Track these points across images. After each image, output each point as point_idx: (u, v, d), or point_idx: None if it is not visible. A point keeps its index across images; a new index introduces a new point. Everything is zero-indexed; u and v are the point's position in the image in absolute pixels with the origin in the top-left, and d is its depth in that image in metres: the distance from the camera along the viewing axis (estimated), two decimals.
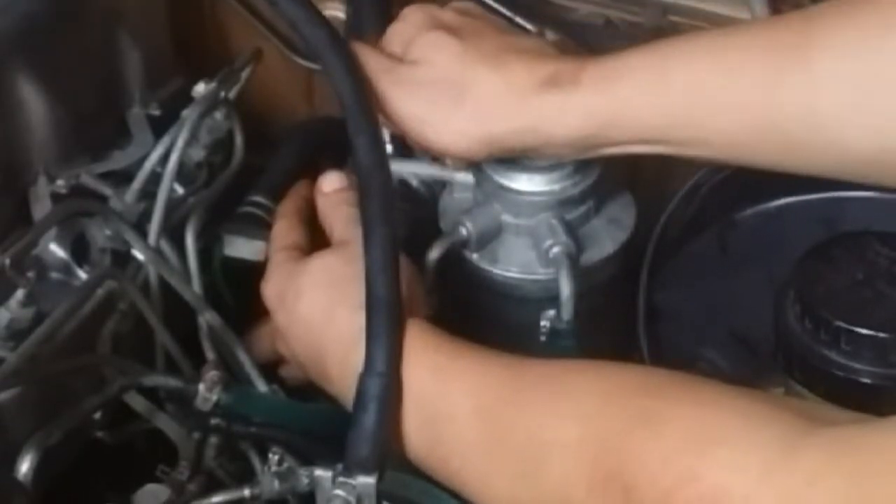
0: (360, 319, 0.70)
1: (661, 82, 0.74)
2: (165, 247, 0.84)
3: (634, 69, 0.75)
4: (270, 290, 0.80)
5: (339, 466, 0.68)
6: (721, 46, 0.74)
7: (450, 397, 0.68)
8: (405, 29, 0.81)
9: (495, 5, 0.94)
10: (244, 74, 0.90)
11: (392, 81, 0.78)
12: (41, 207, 0.81)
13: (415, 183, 0.89)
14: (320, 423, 0.78)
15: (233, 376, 0.80)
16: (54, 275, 0.81)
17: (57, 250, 0.81)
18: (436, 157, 0.86)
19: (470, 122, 0.77)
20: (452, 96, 0.77)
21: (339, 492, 0.67)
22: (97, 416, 0.80)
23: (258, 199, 0.88)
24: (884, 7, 0.69)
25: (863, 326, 0.76)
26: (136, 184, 0.84)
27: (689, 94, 0.74)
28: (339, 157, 0.88)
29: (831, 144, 0.71)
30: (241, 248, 0.86)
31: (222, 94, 0.88)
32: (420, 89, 0.78)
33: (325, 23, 0.77)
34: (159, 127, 0.87)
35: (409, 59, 0.79)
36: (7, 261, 0.75)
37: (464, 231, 0.82)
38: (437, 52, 0.79)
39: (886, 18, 0.69)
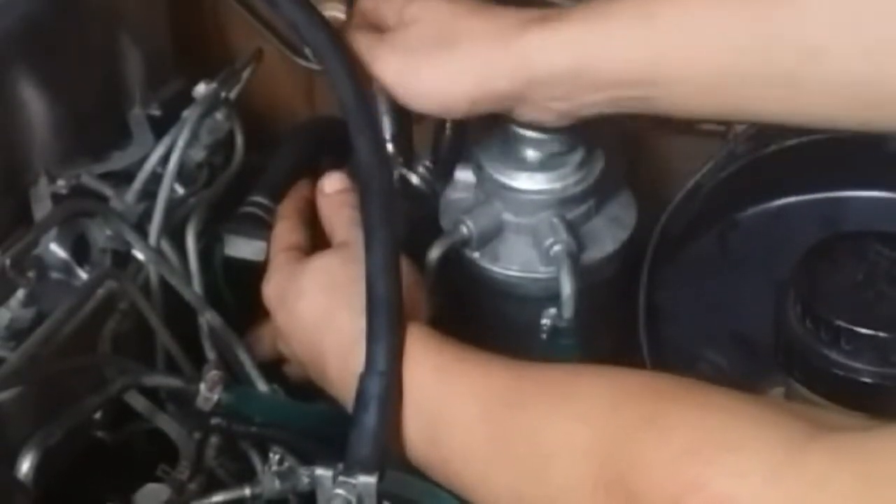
0: (361, 322, 0.70)
1: (649, 18, 0.73)
2: (166, 247, 0.84)
3: (621, 7, 0.75)
4: (271, 290, 0.80)
5: (340, 466, 0.67)
6: None
7: (452, 399, 0.68)
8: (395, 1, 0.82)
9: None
10: (245, 75, 0.90)
11: (385, 44, 0.79)
12: (42, 208, 0.81)
13: (415, 181, 0.89)
14: (321, 423, 0.78)
15: (233, 376, 0.80)
16: (55, 275, 0.81)
17: (57, 250, 0.81)
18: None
19: (454, 65, 0.77)
20: (439, 44, 0.78)
21: (339, 491, 0.67)
22: (98, 415, 0.80)
23: (259, 199, 0.88)
24: None
25: (863, 326, 0.76)
26: (137, 184, 0.84)
27: (679, 32, 0.73)
28: (339, 157, 0.88)
29: (826, 79, 0.70)
30: (241, 248, 0.86)
31: (223, 94, 0.87)
32: (415, 45, 0.78)
33: (326, 24, 0.77)
34: (160, 127, 0.87)
35: (405, 20, 0.80)
36: (8, 261, 0.75)
37: (465, 230, 0.82)
38: (429, 10, 0.80)
39: None
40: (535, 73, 0.76)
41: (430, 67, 0.78)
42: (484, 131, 0.84)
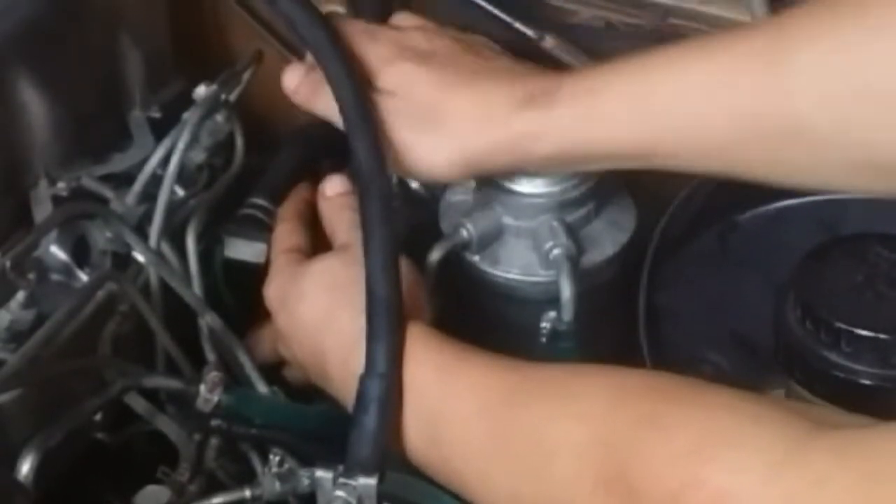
0: (362, 322, 0.70)
1: (640, 96, 0.73)
2: (166, 249, 0.84)
3: (612, 84, 0.74)
4: (272, 292, 0.80)
5: (340, 467, 0.68)
6: (700, 57, 0.73)
7: (453, 398, 0.68)
8: (375, 54, 0.80)
9: (493, 10, 0.94)
10: (245, 77, 0.90)
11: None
12: (42, 210, 0.81)
13: (415, 185, 0.89)
14: (321, 425, 0.78)
15: (233, 378, 0.81)
16: (55, 277, 0.81)
17: (58, 252, 0.81)
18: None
19: (448, 145, 0.77)
20: (431, 122, 0.77)
21: (340, 493, 0.67)
22: (98, 417, 0.80)
23: (259, 201, 0.89)
24: (864, 8, 0.67)
25: (863, 328, 0.76)
26: (137, 186, 0.84)
27: (671, 107, 0.73)
28: (339, 159, 0.88)
29: (816, 156, 0.70)
30: (241, 250, 0.87)
31: (223, 96, 0.88)
32: (398, 119, 0.77)
33: (325, 23, 0.77)
34: (160, 129, 0.87)
35: (383, 89, 0.78)
36: (8, 263, 0.75)
37: (464, 233, 0.82)
38: (411, 83, 0.78)
39: (864, 20, 0.67)
40: (527, 157, 0.77)
41: (418, 145, 0.77)
42: None
